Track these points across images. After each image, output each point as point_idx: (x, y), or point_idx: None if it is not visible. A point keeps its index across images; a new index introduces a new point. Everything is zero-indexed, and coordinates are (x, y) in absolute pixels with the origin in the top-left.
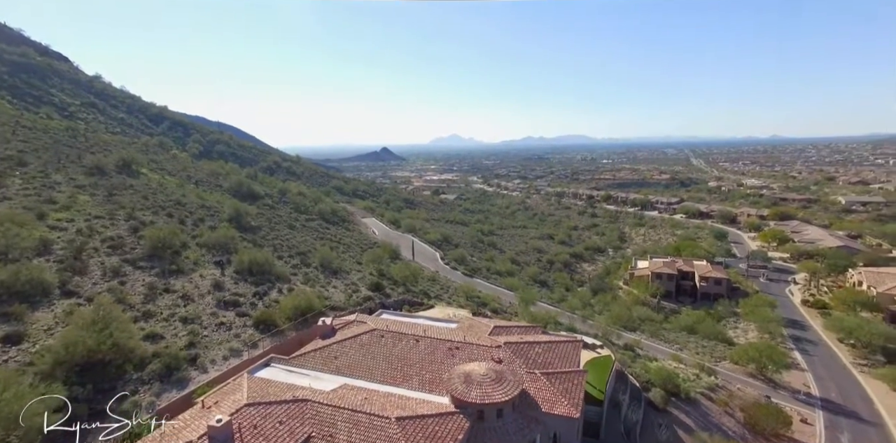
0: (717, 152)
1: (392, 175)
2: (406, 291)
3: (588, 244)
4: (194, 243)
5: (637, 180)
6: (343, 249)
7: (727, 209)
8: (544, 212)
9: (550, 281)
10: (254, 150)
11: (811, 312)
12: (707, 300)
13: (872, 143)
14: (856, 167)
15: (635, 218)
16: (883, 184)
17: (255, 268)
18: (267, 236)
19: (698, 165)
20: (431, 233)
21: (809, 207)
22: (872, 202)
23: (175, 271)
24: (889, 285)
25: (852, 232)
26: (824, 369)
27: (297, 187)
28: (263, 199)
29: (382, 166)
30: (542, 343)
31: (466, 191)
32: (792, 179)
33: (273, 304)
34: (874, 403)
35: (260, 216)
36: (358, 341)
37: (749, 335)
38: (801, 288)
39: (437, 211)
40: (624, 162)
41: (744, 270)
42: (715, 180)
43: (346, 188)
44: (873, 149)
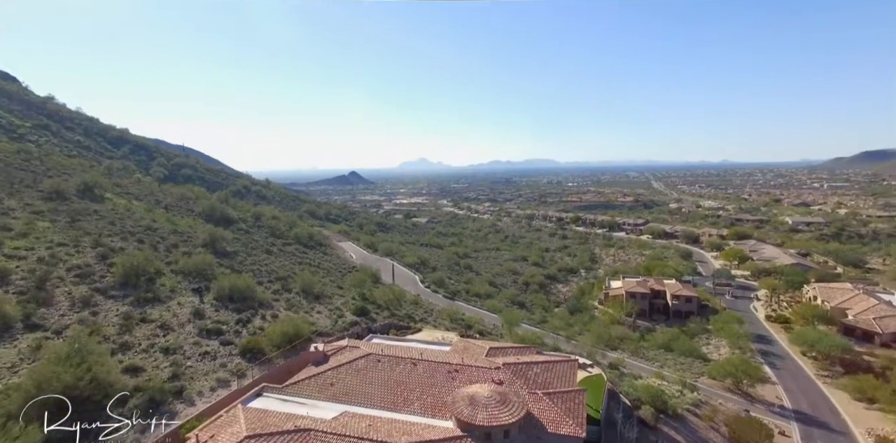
0: (675, 176)
1: (361, 199)
2: (391, 314)
3: (561, 265)
4: (169, 270)
5: (603, 203)
6: (323, 273)
7: (690, 230)
8: (516, 234)
9: (528, 302)
10: (221, 173)
11: (775, 327)
12: (679, 318)
13: (806, 168)
14: (797, 190)
15: (604, 239)
16: (821, 206)
17: (235, 294)
18: (244, 262)
19: (659, 188)
20: (409, 256)
21: (762, 227)
22: (815, 222)
23: (151, 300)
24: (840, 300)
25: (802, 250)
26: (793, 382)
27: (271, 211)
28: (237, 223)
29: (351, 190)
30: (539, 363)
31: (438, 214)
32: (744, 201)
33: (258, 331)
34: (840, 413)
35: (236, 241)
36: (354, 367)
37: (721, 351)
38: (764, 304)
39: (410, 234)
40: (589, 185)
41: (711, 287)
42: (675, 202)
43: (318, 212)
44: (809, 173)
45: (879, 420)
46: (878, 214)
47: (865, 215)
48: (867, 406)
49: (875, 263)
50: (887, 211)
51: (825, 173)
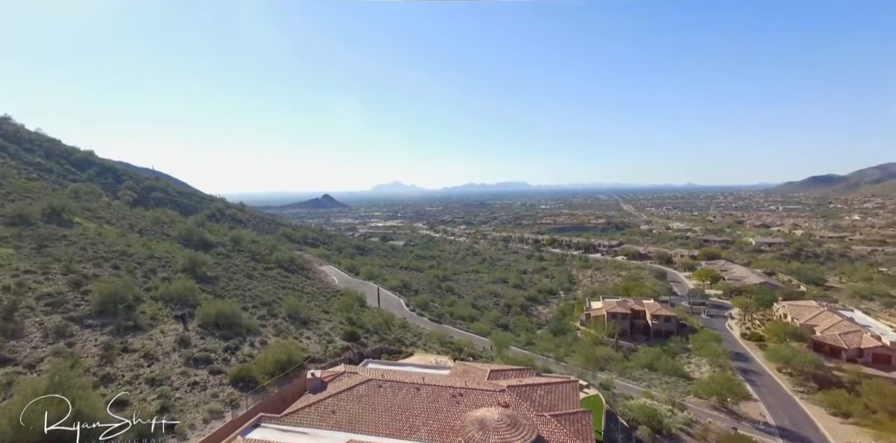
0: (643, 198)
1: (336, 222)
2: (381, 339)
3: (540, 287)
4: (149, 297)
5: (576, 224)
6: (307, 298)
7: (663, 250)
8: (493, 256)
9: (511, 325)
10: (194, 197)
11: (751, 345)
12: (659, 337)
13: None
14: (756, 212)
15: (581, 261)
16: (779, 227)
17: (221, 321)
18: (227, 287)
19: (628, 210)
20: (391, 280)
21: (728, 247)
22: (776, 243)
23: (132, 328)
24: (807, 317)
25: (767, 269)
26: (773, 398)
27: (250, 235)
28: (216, 247)
29: (325, 213)
30: (542, 385)
31: (414, 237)
32: (709, 223)
33: (248, 359)
34: (819, 428)
35: (216, 266)
36: (355, 393)
37: (703, 369)
38: (738, 322)
39: (389, 258)
40: (561, 207)
41: (687, 307)
42: (645, 224)
43: (295, 236)
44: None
45: (856, 434)
46: (830, 235)
47: (819, 236)
48: (843, 420)
49: (833, 281)
50: (837, 232)
51: (779, 197)
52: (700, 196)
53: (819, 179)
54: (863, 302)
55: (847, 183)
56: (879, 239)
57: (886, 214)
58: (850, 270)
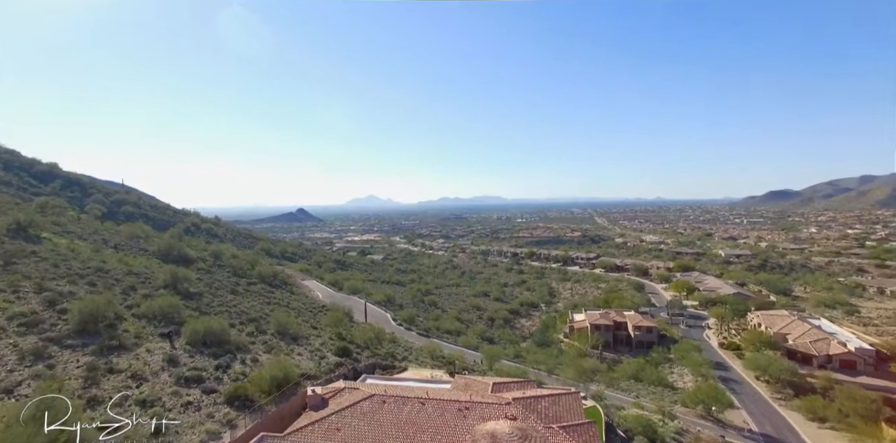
0: (616, 212)
1: (311, 236)
2: (372, 354)
3: (522, 300)
4: (130, 315)
5: (553, 238)
6: (294, 313)
7: (639, 263)
8: (473, 270)
9: (496, 338)
10: (167, 211)
11: (728, 354)
12: (642, 348)
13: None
14: (723, 225)
15: (560, 273)
16: (745, 239)
17: (209, 338)
18: (211, 303)
19: (602, 224)
20: (376, 294)
21: (700, 259)
22: (744, 255)
23: (116, 348)
24: (780, 326)
25: (738, 280)
26: (754, 406)
27: (230, 250)
28: (196, 263)
29: (299, 227)
30: (546, 397)
31: (392, 251)
32: (680, 235)
33: (240, 376)
34: (799, 433)
35: (199, 282)
36: (359, 410)
37: (685, 379)
38: (715, 332)
39: (370, 272)
40: (537, 220)
41: (666, 318)
42: (620, 237)
43: (273, 250)
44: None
45: (834, 438)
46: (791, 247)
47: (782, 248)
48: (820, 425)
49: (798, 291)
50: (797, 244)
51: (743, 210)
52: (670, 210)
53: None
54: (827, 311)
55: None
56: (835, 250)
57: (838, 227)
58: (812, 281)
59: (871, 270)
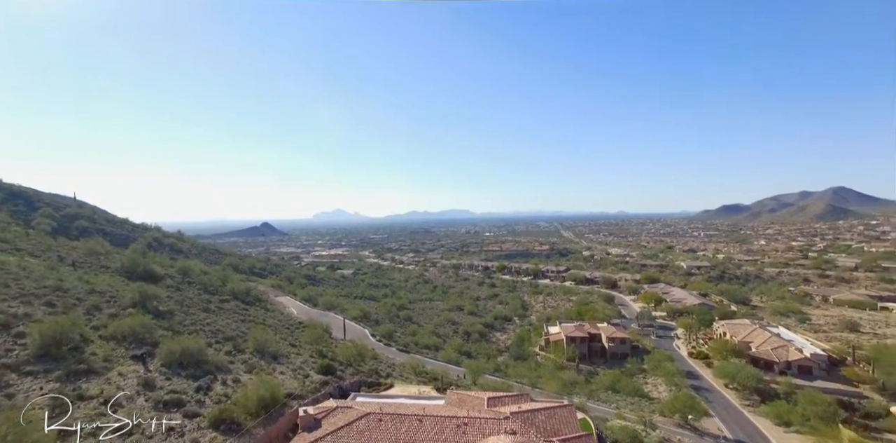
0: (581, 225)
1: (277, 251)
2: (356, 371)
3: (495, 313)
4: (97, 336)
5: (522, 251)
6: (272, 331)
7: (608, 275)
8: (444, 284)
9: (473, 352)
10: (126, 225)
11: (698, 363)
12: (616, 359)
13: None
14: (682, 238)
15: (531, 286)
16: (704, 251)
17: (186, 359)
18: (184, 322)
19: (569, 237)
20: (351, 309)
21: (663, 271)
22: (704, 266)
23: (84, 372)
24: (743, 335)
25: (701, 291)
26: (725, 413)
27: (199, 266)
28: (164, 280)
29: (264, 242)
30: (542, 410)
31: (362, 266)
32: (643, 248)
33: (223, 398)
34: (769, 438)
35: (169, 300)
36: (355, 429)
37: (660, 389)
38: (684, 342)
39: (342, 287)
40: (505, 234)
41: (637, 329)
42: (587, 250)
43: (241, 266)
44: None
45: (800, 441)
46: (745, 259)
47: (737, 260)
48: (786, 430)
49: (756, 300)
50: (750, 256)
51: (699, 223)
52: (632, 223)
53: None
54: (782, 319)
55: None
56: (783, 261)
57: (784, 240)
58: (766, 290)
59: (815, 280)
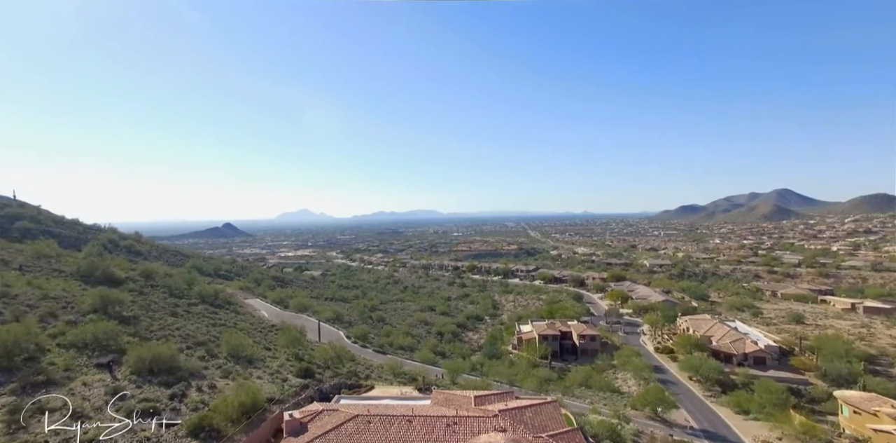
0: (547, 225)
1: (240, 252)
2: (335, 374)
3: (467, 313)
4: (55, 345)
5: (491, 251)
6: (245, 335)
7: (576, 274)
8: (415, 284)
9: (447, 352)
10: (77, 226)
11: (664, 357)
12: (586, 356)
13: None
14: (644, 237)
15: (501, 286)
16: (665, 250)
17: (157, 365)
18: (151, 327)
19: (536, 237)
20: (324, 311)
21: (627, 269)
22: (665, 264)
23: (42, 384)
24: (705, 329)
25: (664, 288)
26: (691, 404)
27: (162, 268)
28: (126, 283)
29: (226, 243)
30: (529, 407)
31: (330, 267)
32: (608, 247)
33: (199, 405)
34: (731, 426)
35: (132, 304)
36: (343, 432)
37: (629, 383)
38: (650, 337)
39: (311, 289)
40: (473, 234)
41: (606, 326)
42: (554, 249)
43: (206, 268)
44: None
45: (759, 428)
46: (702, 257)
47: (695, 258)
48: (745, 418)
49: (714, 296)
50: (707, 254)
51: (659, 223)
52: (596, 223)
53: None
54: (738, 313)
55: (707, 212)
56: (737, 259)
57: (736, 238)
58: (723, 287)
59: (765, 276)
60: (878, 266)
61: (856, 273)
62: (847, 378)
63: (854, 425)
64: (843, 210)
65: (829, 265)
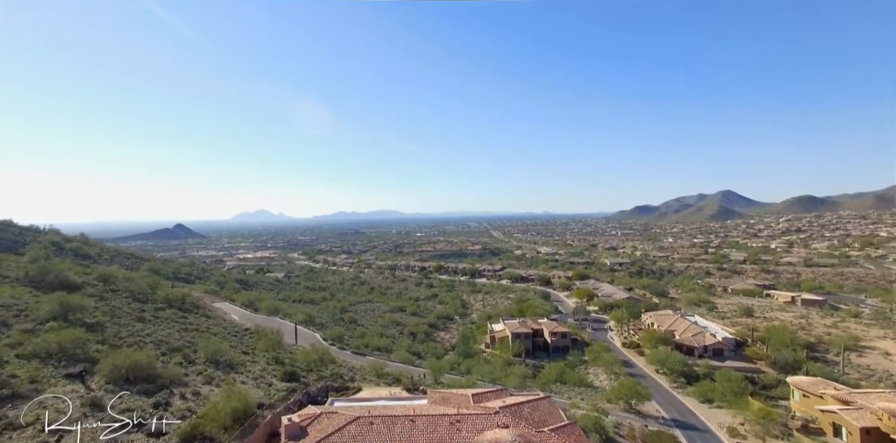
0: (509, 225)
1: (195, 255)
2: (319, 377)
3: (437, 313)
4: (13, 356)
5: (456, 251)
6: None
7: (542, 273)
8: (382, 285)
9: (422, 352)
10: (11, 228)
11: (631, 352)
12: (558, 353)
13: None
14: (602, 236)
15: (469, 286)
16: (623, 249)
17: (134, 373)
18: (119, 334)
19: (499, 237)
20: (296, 314)
21: (589, 268)
22: (625, 262)
23: (7, 398)
24: (668, 324)
25: (626, 286)
26: (659, 396)
27: (121, 272)
28: (83, 288)
29: (179, 245)
30: (527, 403)
31: (293, 268)
32: (570, 247)
33: (186, 413)
34: (697, 415)
35: (95, 310)
36: (347, 434)
37: (601, 378)
38: (616, 333)
39: (277, 291)
40: (436, 235)
41: (575, 323)
42: (518, 249)
43: (164, 271)
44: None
45: (723, 415)
46: (658, 255)
47: (652, 256)
48: (710, 406)
49: (673, 293)
50: (662, 252)
51: (616, 223)
52: (556, 223)
53: (641, 209)
54: (695, 308)
55: (660, 212)
56: (689, 257)
57: (687, 237)
58: (679, 283)
59: (715, 273)
60: (810, 262)
61: (792, 269)
62: (793, 365)
63: (804, 407)
64: (778, 210)
65: (769, 262)
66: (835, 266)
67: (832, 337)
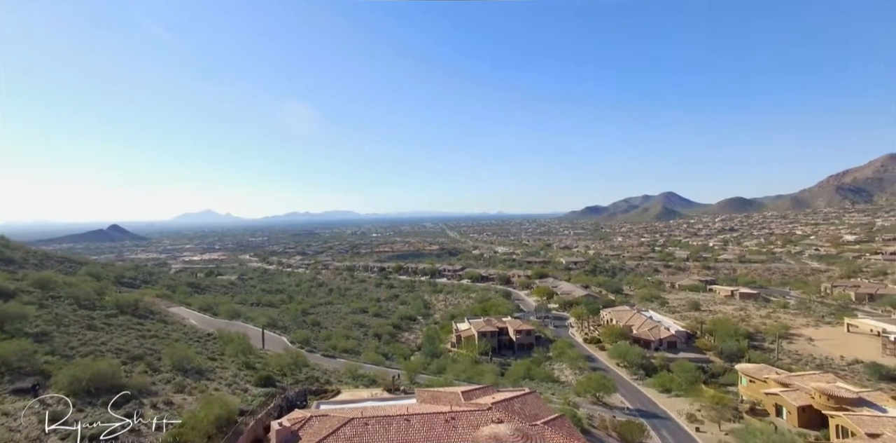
0: (464, 225)
1: (134, 257)
2: (295, 380)
3: (400, 314)
4: None
5: (413, 251)
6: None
7: (502, 272)
8: (341, 286)
9: (389, 353)
10: None
11: (592, 347)
12: (523, 350)
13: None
14: (556, 236)
15: (430, 286)
16: (577, 248)
17: (96, 384)
18: (70, 343)
19: (455, 237)
20: (258, 317)
21: (546, 267)
22: (580, 261)
23: None
24: (626, 319)
25: (583, 284)
26: (622, 388)
27: (61, 277)
28: (18, 296)
29: (115, 248)
30: (515, 399)
31: (245, 270)
32: (526, 246)
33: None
34: (658, 404)
35: (37, 319)
36: (342, 436)
37: (566, 373)
38: (577, 329)
39: (231, 294)
40: (392, 235)
41: (537, 321)
42: (475, 249)
43: (105, 275)
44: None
45: (681, 403)
46: (610, 254)
47: (604, 255)
48: (668, 396)
49: (627, 289)
50: (613, 251)
51: (568, 223)
52: (511, 223)
53: (591, 209)
54: (648, 304)
55: (609, 212)
56: (639, 255)
57: (635, 236)
58: (632, 280)
59: (662, 270)
60: (743, 258)
61: (728, 265)
62: (737, 354)
63: (750, 391)
64: (714, 211)
65: (709, 259)
66: (763, 262)
67: (767, 327)
